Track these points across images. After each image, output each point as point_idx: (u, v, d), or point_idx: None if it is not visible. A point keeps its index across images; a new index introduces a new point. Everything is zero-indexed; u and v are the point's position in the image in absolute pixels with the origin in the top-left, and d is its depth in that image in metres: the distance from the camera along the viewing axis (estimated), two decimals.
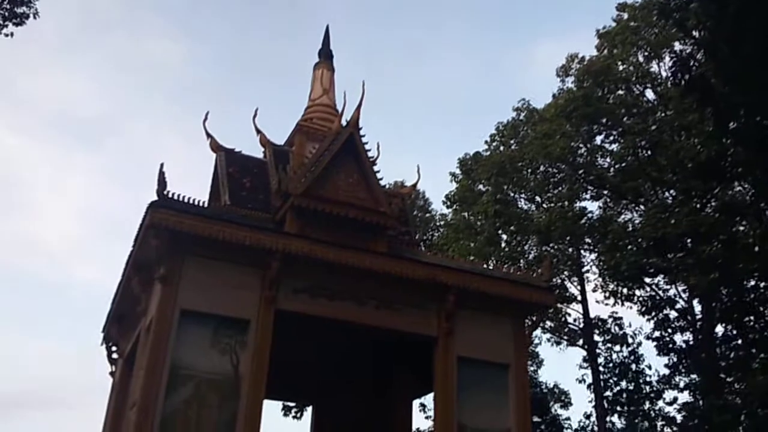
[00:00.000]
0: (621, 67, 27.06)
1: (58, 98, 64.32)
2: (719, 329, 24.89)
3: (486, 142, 30.74)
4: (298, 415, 27.22)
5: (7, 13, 15.63)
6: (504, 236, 28.18)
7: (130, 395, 11.38)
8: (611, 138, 27.23)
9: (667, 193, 25.86)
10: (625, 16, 27.62)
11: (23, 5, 15.69)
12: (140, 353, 11.02)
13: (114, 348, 14.29)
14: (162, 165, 10.85)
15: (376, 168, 12.74)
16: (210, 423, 10.13)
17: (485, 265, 14.20)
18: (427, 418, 27.19)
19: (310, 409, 19.28)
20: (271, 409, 22.65)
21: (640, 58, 27.01)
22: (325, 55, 16.44)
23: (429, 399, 21.63)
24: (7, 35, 15.81)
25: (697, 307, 25.55)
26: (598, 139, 27.52)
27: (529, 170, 27.97)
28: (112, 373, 14.35)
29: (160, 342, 10.24)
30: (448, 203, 31.10)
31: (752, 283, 23.37)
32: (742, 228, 23.02)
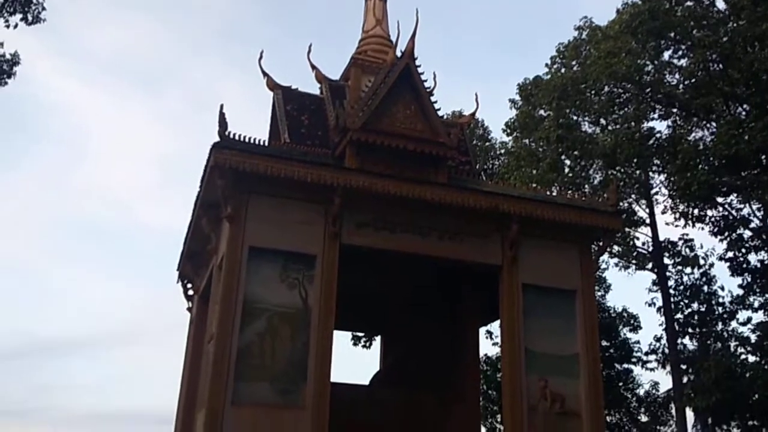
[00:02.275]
0: None
1: (118, 48, 65.37)
2: None
3: (546, 65, 30.00)
4: (368, 344, 27.95)
5: None
6: (567, 162, 27.78)
7: (207, 329, 11.96)
8: (680, 53, 26.23)
9: (740, 108, 24.99)
10: None
11: None
12: (214, 289, 11.54)
13: (189, 285, 14.94)
14: (222, 106, 11.08)
15: (433, 98, 12.70)
16: (283, 353, 10.59)
17: (548, 192, 14.09)
18: (494, 344, 27.61)
19: (378, 338, 19.80)
20: (341, 339, 23.34)
21: None
22: None
23: (495, 326, 21.98)
24: None
25: None
26: (666, 54, 26.56)
27: (593, 92, 27.26)
28: (189, 309, 15.04)
29: (232, 278, 10.67)
30: (508, 131, 30.71)
31: None
32: None
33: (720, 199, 25.30)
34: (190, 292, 14.97)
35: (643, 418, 29.63)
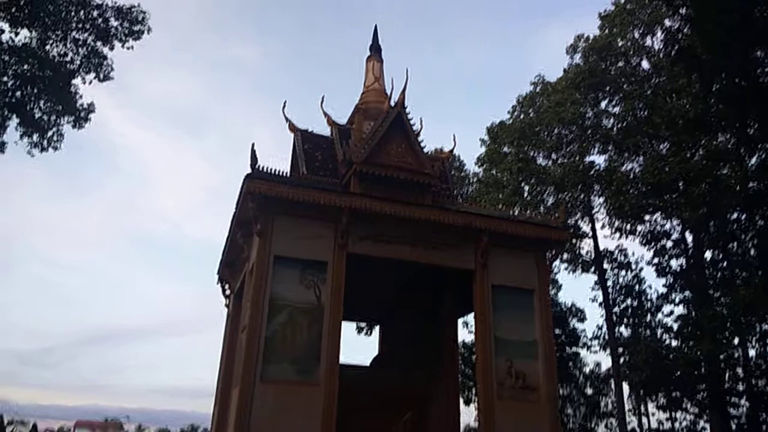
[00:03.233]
0: (620, 43, 26.07)
1: (171, 100, 65.72)
2: (708, 254, 24.37)
3: (509, 111, 30.18)
4: (369, 332, 27.81)
5: (127, 31, 15.98)
6: (526, 188, 27.83)
7: (241, 321, 11.87)
8: (613, 102, 26.46)
9: (661, 146, 25.10)
10: (622, 0, 26.47)
11: (138, 23, 16.01)
12: (246, 290, 11.46)
13: (227, 286, 14.83)
14: (253, 145, 11.06)
15: (420, 138, 12.70)
16: (302, 340, 10.50)
17: (511, 212, 14.07)
18: (470, 332, 27.46)
19: (377, 328, 19.69)
20: (348, 328, 23.25)
21: (636, 35, 25.96)
22: (375, 49, 16.27)
23: (470, 318, 21.88)
24: (128, 48, 16.21)
25: (689, 237, 24.99)
26: (603, 104, 26.78)
27: (546, 133, 27.38)
28: (226, 305, 14.93)
29: (261, 281, 10.61)
30: (479, 163, 30.77)
31: (734, 216, 22.68)
32: (725, 172, 22.25)
33: (647, 217, 25.38)
34: (227, 292, 14.87)
35: (589, 391, 29.44)
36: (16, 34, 15.17)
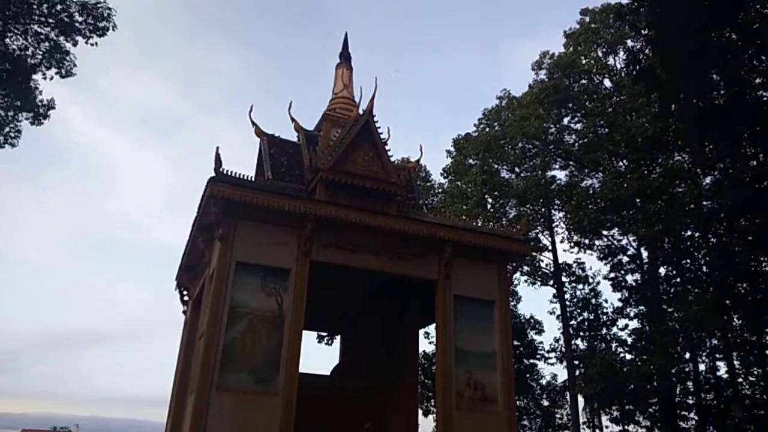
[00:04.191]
0: (584, 61, 26.66)
1: (136, 99, 64.42)
2: (662, 270, 24.96)
3: (474, 124, 30.50)
4: (329, 342, 27.54)
5: (91, 27, 15.57)
6: (489, 200, 28.10)
7: (199, 328, 11.60)
8: (576, 119, 27.00)
9: (620, 163, 25.69)
10: (587, 19, 27.09)
11: (103, 19, 15.62)
12: (206, 296, 11.21)
13: (185, 292, 14.50)
14: (218, 148, 10.87)
15: (387, 147, 12.65)
16: (261, 349, 10.31)
17: (475, 223, 14.15)
18: (430, 343, 27.47)
19: (338, 337, 19.52)
20: (308, 337, 22.99)
21: (600, 54, 26.58)
22: (345, 57, 16.25)
23: (432, 329, 21.90)
24: (92, 44, 15.80)
25: (645, 253, 25.58)
26: (566, 120, 27.30)
27: (510, 147, 27.75)
28: (184, 312, 14.59)
29: (221, 287, 10.39)
30: (445, 174, 30.97)
31: (689, 233, 23.33)
32: (681, 190, 22.89)
33: (605, 232, 25.88)
34: (186, 298, 14.54)
35: (545, 403, 29.74)
36: None
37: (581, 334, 27.17)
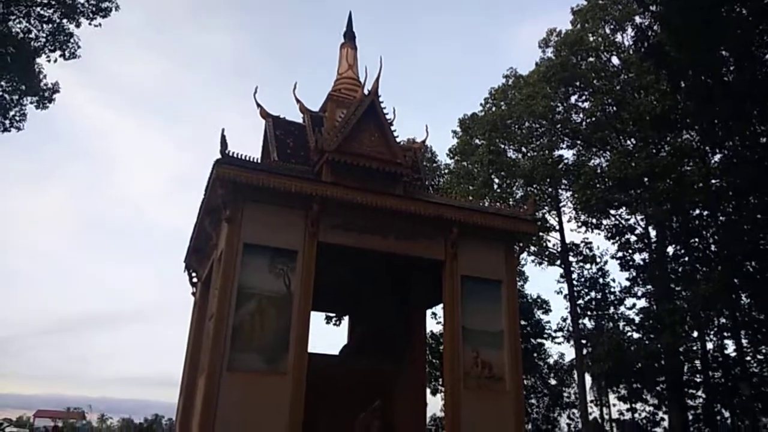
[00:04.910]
0: (591, 39, 26.39)
1: (140, 80, 64.30)
2: (670, 249, 24.97)
3: (481, 104, 30.40)
4: (338, 323, 27.79)
5: (94, 8, 15.52)
6: (496, 180, 28.09)
7: (208, 309, 11.72)
8: (583, 97, 26.81)
9: (628, 141, 25.56)
10: None
11: (106, 0, 15.57)
12: (214, 277, 11.30)
13: (194, 274, 14.61)
14: (223, 130, 10.88)
15: (392, 128, 12.61)
16: (270, 329, 10.40)
17: (482, 204, 14.16)
18: (438, 323, 27.69)
19: (346, 318, 19.66)
20: (316, 318, 23.18)
21: (607, 31, 26.31)
22: (349, 36, 16.12)
23: (439, 309, 22.04)
24: (96, 26, 15.77)
25: (653, 232, 25.58)
26: (573, 98, 27.12)
27: (516, 126, 27.64)
28: (193, 293, 14.72)
29: (229, 268, 10.47)
30: (451, 155, 30.94)
31: (697, 212, 23.27)
32: (689, 168, 22.79)
33: (612, 212, 25.84)
34: (195, 280, 14.65)
35: (553, 382, 29.98)
36: None
37: (588, 313, 27.30)
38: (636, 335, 24.92)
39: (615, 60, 26.48)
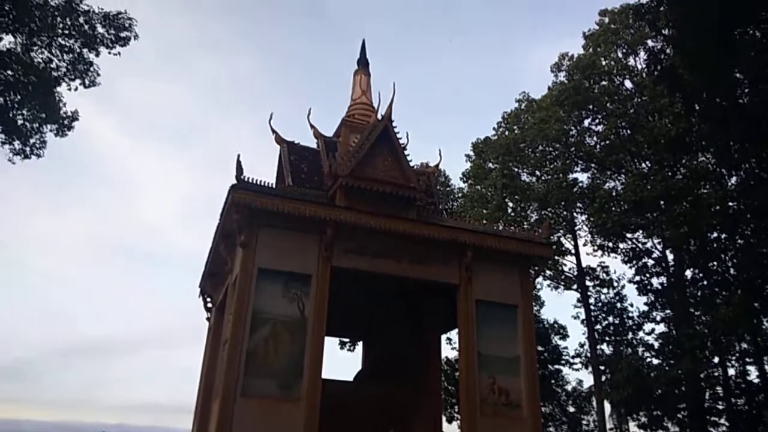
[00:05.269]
0: (604, 63, 26.46)
1: (158, 107, 65.53)
2: (688, 273, 24.62)
3: (494, 128, 30.40)
4: (352, 348, 27.58)
5: (114, 37, 15.87)
6: (510, 204, 27.99)
7: (222, 335, 11.72)
8: (597, 121, 26.78)
9: (643, 164, 25.44)
10: (606, 20, 26.93)
11: (125, 30, 15.91)
12: (229, 302, 11.34)
13: (208, 299, 14.67)
14: (239, 155, 11.05)
15: (406, 152, 12.75)
16: (284, 354, 10.41)
17: (495, 227, 14.12)
18: (453, 349, 27.39)
19: (360, 343, 19.56)
20: (330, 344, 23.03)
21: (620, 54, 26.38)
22: (363, 63, 16.38)
23: (454, 334, 21.84)
24: (115, 55, 16.11)
25: (670, 256, 25.25)
26: (586, 122, 27.10)
27: (530, 150, 27.63)
28: (208, 319, 14.75)
29: (244, 293, 10.52)
30: (464, 179, 30.93)
31: (715, 235, 22.99)
32: (706, 191, 22.58)
33: (629, 235, 25.60)
34: (209, 305, 14.71)
35: (571, 409, 29.45)
36: (0, 39, 15.00)
37: (607, 338, 26.87)
38: (655, 361, 24.47)
39: (628, 83, 26.52)
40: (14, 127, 15.43)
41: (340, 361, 27.62)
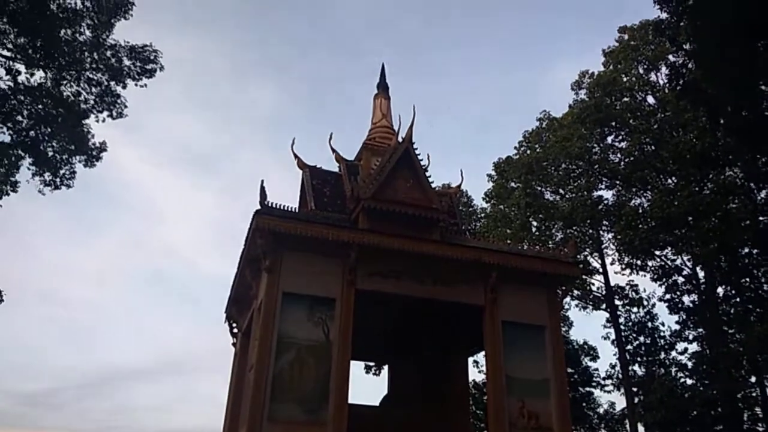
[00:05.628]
0: (625, 79, 26.34)
1: (182, 138, 66.73)
2: (720, 290, 24.07)
3: (515, 147, 30.32)
4: (377, 372, 27.41)
5: (140, 69, 16.30)
6: (534, 223, 27.76)
7: (248, 360, 11.74)
8: (620, 137, 26.54)
9: (669, 180, 25.08)
10: (626, 36, 26.86)
11: (151, 62, 16.33)
12: (254, 327, 11.37)
13: (234, 324, 14.73)
14: (262, 181, 11.19)
15: (427, 173, 12.77)
16: (309, 379, 10.37)
17: (520, 247, 14.00)
18: (479, 372, 27.03)
19: (386, 367, 19.41)
20: (356, 368, 22.90)
21: (641, 70, 26.23)
22: (383, 87, 16.54)
23: (481, 356, 21.55)
24: (141, 86, 16.53)
25: (701, 273, 24.73)
26: (609, 139, 26.87)
27: (553, 168, 27.45)
28: (233, 344, 14.80)
29: (269, 318, 10.55)
30: (487, 199, 30.81)
31: (746, 250, 22.50)
32: (734, 206, 22.15)
33: (657, 252, 25.16)
34: (235, 330, 14.77)
35: None
36: (32, 74, 15.50)
37: (638, 359, 26.29)
38: (689, 381, 23.86)
39: (650, 99, 26.30)
40: (45, 159, 15.87)
41: (366, 386, 27.42)
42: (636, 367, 26.32)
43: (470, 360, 20.46)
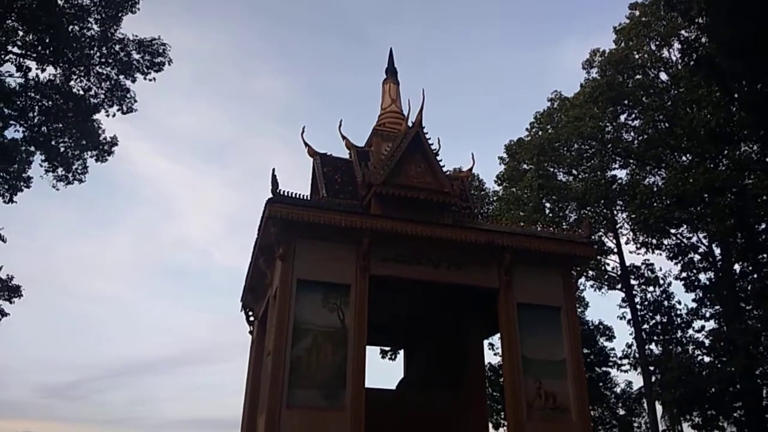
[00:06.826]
0: (637, 56, 25.95)
1: (193, 130, 67.05)
2: (737, 267, 23.86)
3: (527, 128, 30.09)
4: (393, 357, 27.55)
5: (149, 63, 16.35)
6: (547, 204, 27.58)
7: (265, 347, 11.87)
8: (633, 116, 26.25)
9: (684, 157, 24.80)
10: (637, 12, 26.43)
11: (160, 55, 16.37)
12: (270, 315, 11.47)
13: (250, 312, 14.87)
14: (274, 170, 11.22)
15: (438, 158, 12.72)
16: (326, 365, 10.47)
17: (534, 228, 13.95)
18: (495, 354, 27.09)
19: (402, 351, 19.52)
20: (372, 353, 23.02)
21: (653, 47, 25.84)
22: (391, 72, 16.45)
23: (496, 339, 21.59)
24: (150, 80, 16.59)
25: (717, 250, 24.51)
26: (622, 117, 26.58)
27: (565, 149, 27.22)
28: (250, 332, 14.95)
29: (284, 305, 10.63)
30: (499, 181, 30.66)
31: (763, 226, 22.25)
32: (751, 181, 21.87)
33: (673, 230, 24.97)
34: (251, 318, 14.91)
35: (621, 412, 28.74)
36: (42, 70, 15.63)
37: (655, 338, 26.18)
38: (707, 359, 23.70)
39: (663, 76, 25.94)
40: (57, 154, 16.03)
41: (383, 370, 27.62)
42: (653, 346, 26.24)
43: (485, 342, 20.55)
